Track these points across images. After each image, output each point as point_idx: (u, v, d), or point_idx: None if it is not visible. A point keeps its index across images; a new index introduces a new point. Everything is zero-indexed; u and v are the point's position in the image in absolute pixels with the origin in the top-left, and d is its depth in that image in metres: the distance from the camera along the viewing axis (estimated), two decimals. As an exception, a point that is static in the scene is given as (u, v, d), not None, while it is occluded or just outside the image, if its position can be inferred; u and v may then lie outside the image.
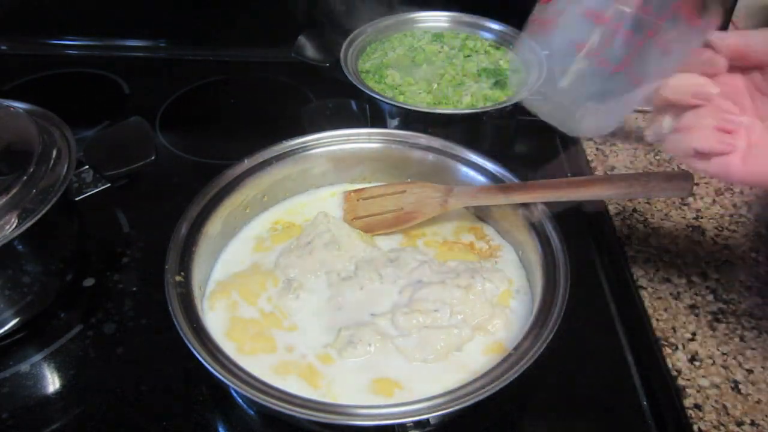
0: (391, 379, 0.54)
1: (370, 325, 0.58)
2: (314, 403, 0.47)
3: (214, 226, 0.63)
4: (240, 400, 0.57)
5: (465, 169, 0.69)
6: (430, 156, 0.71)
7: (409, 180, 0.72)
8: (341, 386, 0.54)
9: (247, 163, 0.68)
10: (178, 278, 0.56)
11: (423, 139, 0.71)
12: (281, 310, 0.61)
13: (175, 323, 0.52)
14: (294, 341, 0.58)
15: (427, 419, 0.47)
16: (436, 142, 0.71)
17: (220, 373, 0.48)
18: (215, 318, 0.59)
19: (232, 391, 0.52)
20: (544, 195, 0.62)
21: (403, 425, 0.47)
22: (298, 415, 0.46)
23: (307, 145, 0.71)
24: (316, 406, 0.47)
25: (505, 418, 0.59)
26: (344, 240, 0.66)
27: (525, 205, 0.63)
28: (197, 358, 0.49)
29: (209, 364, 0.49)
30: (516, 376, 0.48)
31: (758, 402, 0.57)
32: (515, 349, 0.51)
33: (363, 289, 0.61)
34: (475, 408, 0.47)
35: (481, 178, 0.68)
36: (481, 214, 0.71)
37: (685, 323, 0.64)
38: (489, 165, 0.68)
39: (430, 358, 0.56)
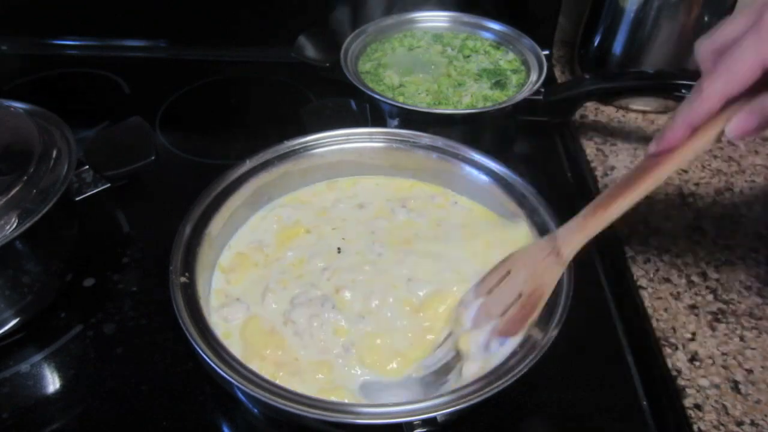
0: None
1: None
2: (321, 402, 0.47)
3: (216, 226, 0.63)
4: (244, 399, 0.57)
5: (468, 169, 0.69)
6: (433, 155, 0.71)
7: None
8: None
9: (249, 163, 0.68)
10: (182, 279, 0.56)
11: (425, 138, 0.71)
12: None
13: (181, 324, 0.52)
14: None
15: (435, 417, 0.47)
16: (439, 141, 0.71)
17: (227, 373, 0.48)
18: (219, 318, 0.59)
19: (237, 391, 0.52)
20: (637, 193, 0.51)
21: (410, 423, 0.46)
22: (305, 414, 0.46)
23: (309, 145, 0.71)
24: (323, 405, 0.47)
25: (505, 418, 0.59)
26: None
27: None
28: (204, 360, 0.49)
29: (216, 365, 0.49)
30: (524, 372, 0.48)
31: (758, 402, 0.57)
32: (521, 345, 0.51)
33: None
34: (477, 407, 0.47)
35: (484, 178, 0.68)
36: None
37: (685, 323, 0.64)
38: (492, 164, 0.68)
39: None
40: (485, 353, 0.54)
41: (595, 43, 0.96)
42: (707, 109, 0.45)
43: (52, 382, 0.62)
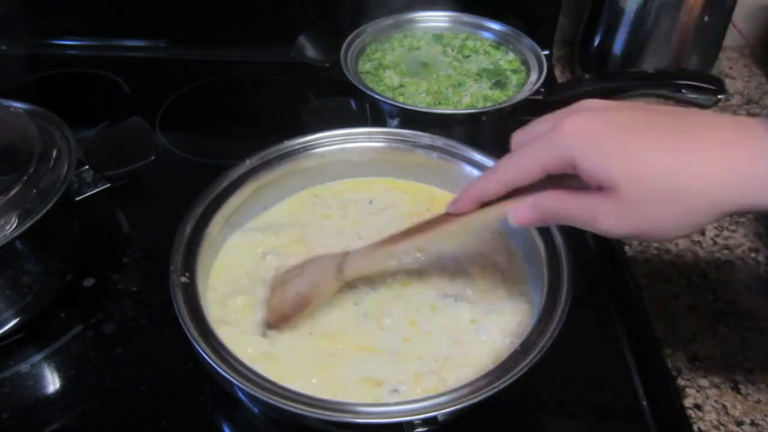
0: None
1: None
2: (321, 401, 0.47)
3: (216, 226, 0.63)
4: (245, 399, 0.57)
5: (469, 168, 0.69)
6: (434, 155, 0.70)
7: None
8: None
9: (249, 162, 0.68)
10: (183, 279, 0.56)
11: (426, 138, 0.71)
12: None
13: (182, 323, 0.52)
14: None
15: (435, 417, 0.47)
16: (439, 141, 0.71)
17: (228, 373, 0.48)
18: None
19: (237, 391, 0.52)
20: (420, 239, 0.55)
21: (411, 423, 0.47)
22: (305, 413, 0.46)
23: (309, 145, 0.71)
24: (323, 404, 0.47)
25: (505, 418, 0.59)
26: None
27: None
28: (205, 359, 0.49)
29: (217, 365, 0.49)
30: (525, 371, 0.48)
31: (758, 402, 0.57)
32: (521, 345, 0.51)
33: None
34: (478, 407, 0.47)
35: None
36: None
37: (685, 323, 0.64)
38: (492, 164, 0.68)
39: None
40: None
41: (595, 43, 0.96)
42: (493, 192, 0.49)
43: (52, 382, 0.62)
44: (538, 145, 0.45)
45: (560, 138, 0.43)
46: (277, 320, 0.58)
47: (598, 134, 0.42)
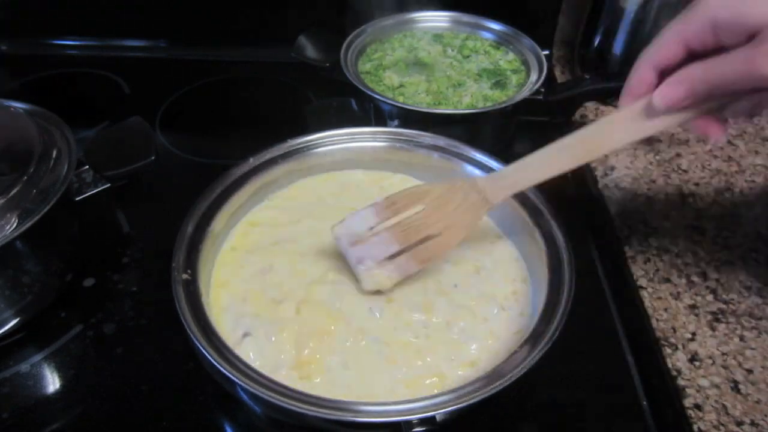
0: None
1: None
2: (321, 400, 0.47)
3: (218, 224, 0.63)
4: (245, 397, 0.57)
5: (470, 168, 0.69)
6: (435, 155, 0.71)
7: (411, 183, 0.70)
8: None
9: (252, 161, 0.68)
10: (185, 276, 0.56)
11: (427, 137, 0.71)
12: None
13: (182, 320, 0.52)
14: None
15: (434, 416, 0.47)
16: (441, 141, 0.71)
17: (227, 370, 0.48)
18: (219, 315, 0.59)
19: (239, 390, 0.52)
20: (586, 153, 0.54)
21: (409, 422, 0.47)
22: (305, 412, 0.46)
23: (312, 144, 0.71)
24: (324, 403, 0.47)
25: (505, 418, 0.59)
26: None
27: (526, 203, 0.64)
28: (206, 357, 0.49)
29: (218, 363, 0.49)
30: (524, 372, 0.48)
31: (758, 402, 0.57)
32: (521, 346, 0.51)
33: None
34: (477, 407, 0.47)
35: None
36: None
37: (685, 323, 0.64)
38: (494, 164, 0.68)
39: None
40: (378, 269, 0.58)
41: (595, 43, 0.96)
42: (641, 76, 0.48)
43: (52, 382, 0.62)
44: (680, 17, 0.45)
45: (703, 6, 0.43)
46: (424, 262, 0.58)
47: None
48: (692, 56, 0.47)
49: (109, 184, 0.70)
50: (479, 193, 0.58)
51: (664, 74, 0.48)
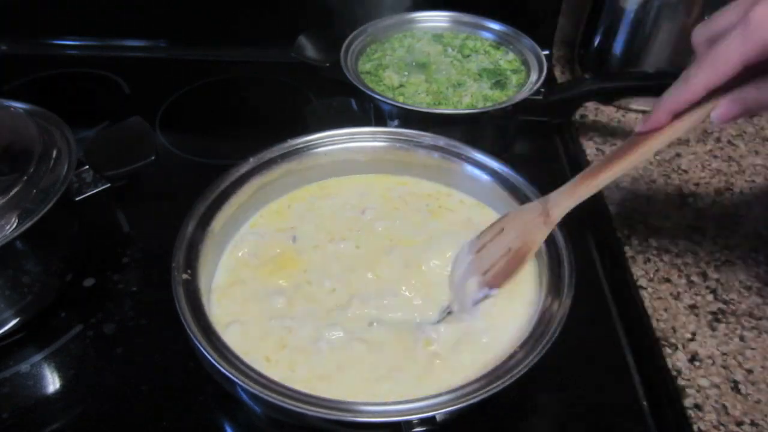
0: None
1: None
2: (321, 399, 0.47)
3: (218, 224, 0.63)
4: (245, 397, 0.57)
5: (470, 168, 0.69)
6: (435, 154, 0.71)
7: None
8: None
9: (253, 161, 0.68)
10: (185, 276, 0.56)
11: (428, 137, 0.71)
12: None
13: (182, 320, 0.52)
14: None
15: (434, 416, 0.47)
16: (441, 141, 0.71)
17: (227, 370, 0.48)
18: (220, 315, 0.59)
19: (239, 390, 0.52)
20: (623, 165, 0.54)
21: (409, 422, 0.47)
22: (305, 411, 0.46)
23: (312, 144, 0.71)
24: (324, 403, 0.47)
25: (505, 418, 0.59)
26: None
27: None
28: (205, 356, 0.49)
29: (218, 362, 0.49)
30: (524, 372, 0.48)
31: (758, 402, 0.57)
32: (521, 346, 0.51)
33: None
34: (477, 407, 0.47)
35: (486, 177, 0.68)
36: None
37: (685, 323, 0.64)
38: (494, 164, 0.68)
39: None
40: (469, 306, 0.59)
41: (595, 43, 0.96)
42: (689, 99, 0.48)
43: (52, 382, 0.62)
44: (733, 39, 0.45)
45: (759, 24, 0.43)
46: (500, 280, 0.59)
47: None
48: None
49: (109, 184, 0.70)
50: (545, 210, 0.59)
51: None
